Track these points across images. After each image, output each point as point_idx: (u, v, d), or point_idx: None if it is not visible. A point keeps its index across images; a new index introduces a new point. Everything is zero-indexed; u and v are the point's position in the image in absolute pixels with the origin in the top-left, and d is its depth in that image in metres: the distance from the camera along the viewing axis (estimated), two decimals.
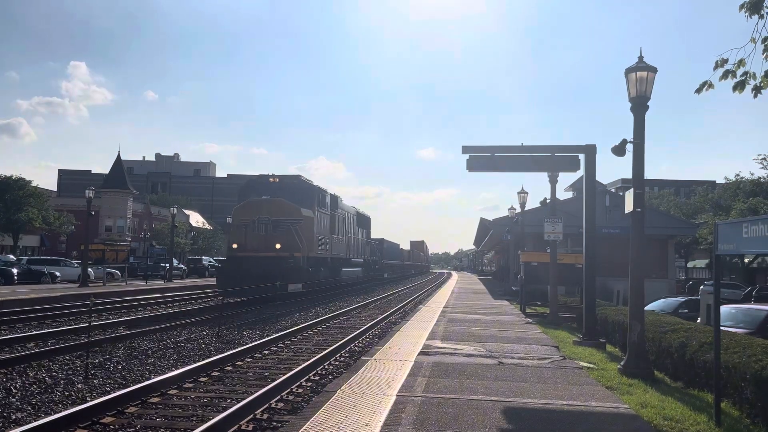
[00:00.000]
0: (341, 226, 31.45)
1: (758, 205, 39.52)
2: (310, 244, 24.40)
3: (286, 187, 25.28)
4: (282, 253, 22.91)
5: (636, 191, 9.55)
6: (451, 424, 5.78)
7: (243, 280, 21.60)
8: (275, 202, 23.95)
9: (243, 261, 23.15)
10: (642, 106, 9.50)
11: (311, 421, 5.76)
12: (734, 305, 14.52)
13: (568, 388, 7.67)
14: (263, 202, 24.10)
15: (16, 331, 13.92)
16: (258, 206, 23.99)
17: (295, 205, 24.02)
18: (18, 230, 50.68)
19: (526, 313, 19.09)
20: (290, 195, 24.63)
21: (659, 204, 53.62)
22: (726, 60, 5.86)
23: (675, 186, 79.14)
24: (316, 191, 26.57)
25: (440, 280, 61.67)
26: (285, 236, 23.14)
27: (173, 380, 8.54)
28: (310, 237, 24.51)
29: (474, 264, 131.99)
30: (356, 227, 36.73)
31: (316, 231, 25.69)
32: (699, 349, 8.43)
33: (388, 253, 55.26)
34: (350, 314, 20.70)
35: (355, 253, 36.35)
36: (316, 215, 25.67)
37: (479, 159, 12.79)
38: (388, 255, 55.10)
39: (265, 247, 23.19)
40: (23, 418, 6.82)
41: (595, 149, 12.74)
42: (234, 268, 23.21)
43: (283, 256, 22.85)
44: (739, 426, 6.52)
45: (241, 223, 23.88)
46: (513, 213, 31.10)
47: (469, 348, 10.89)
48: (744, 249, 6.37)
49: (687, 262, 60.52)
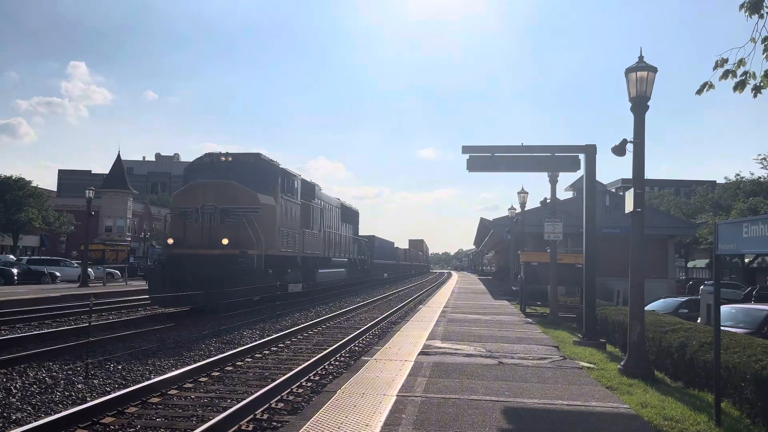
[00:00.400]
0: (319, 219, 26.55)
1: (758, 205, 39.53)
2: (270, 239, 19.61)
3: (242, 168, 20.28)
4: (230, 251, 18.10)
5: (636, 191, 9.55)
6: (451, 424, 5.78)
7: (180, 284, 17.21)
8: (224, 185, 19.05)
9: (181, 260, 18.35)
10: (642, 106, 9.50)
11: (311, 421, 5.76)
12: (734, 305, 14.51)
13: (568, 388, 7.67)
14: (208, 186, 19.07)
15: (16, 331, 13.92)
16: (202, 191, 18.98)
17: (250, 190, 19.15)
18: (18, 230, 50.70)
19: (526, 313, 19.09)
20: (247, 178, 19.73)
21: (659, 204, 53.62)
22: (726, 60, 5.86)
23: (675, 186, 79.17)
24: (280, 174, 21.43)
25: (440, 280, 61.64)
26: (235, 229, 18.42)
27: (173, 380, 8.54)
28: (270, 230, 19.73)
29: (474, 264, 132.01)
30: (340, 222, 31.88)
31: (280, 223, 20.85)
32: (699, 349, 8.43)
33: (380, 252, 50.65)
34: (350, 314, 20.70)
35: (338, 251, 31.17)
36: (279, 203, 20.86)
37: (479, 159, 12.79)
38: (380, 254, 50.50)
39: (209, 242, 18.41)
40: (23, 419, 6.82)
41: (595, 149, 12.74)
42: (170, 270, 18.25)
43: (231, 255, 18.08)
44: (740, 426, 6.52)
45: (180, 213, 19.17)
46: (513, 213, 31.10)
47: (470, 348, 10.89)
48: (744, 249, 6.37)
49: (687, 262, 60.53)
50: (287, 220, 21.79)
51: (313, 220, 25.54)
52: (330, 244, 29.15)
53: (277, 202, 20.69)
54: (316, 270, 26.25)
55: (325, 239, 27.89)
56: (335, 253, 30.37)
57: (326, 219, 28.28)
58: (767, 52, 5.58)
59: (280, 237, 20.94)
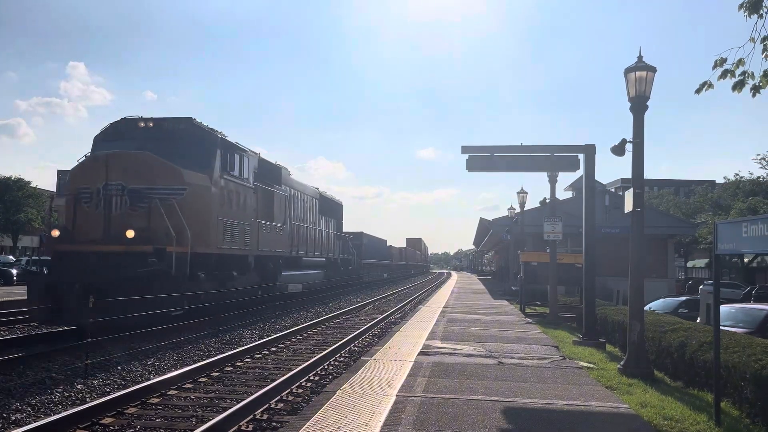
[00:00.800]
0: (284, 209, 21.03)
1: (757, 205, 39.54)
2: (201, 231, 14.55)
3: (167, 137, 15.10)
4: (138, 247, 13.19)
5: (635, 191, 9.55)
6: (450, 424, 5.78)
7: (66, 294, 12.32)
8: (135, 157, 14.03)
9: (69, 260, 13.43)
10: (641, 105, 9.51)
11: (311, 422, 5.76)
12: (734, 305, 14.52)
13: (568, 388, 7.67)
14: (114, 158, 13.89)
15: (15, 332, 13.90)
16: (104, 165, 13.80)
17: (172, 165, 14.08)
18: (17, 231, 50.70)
19: (525, 312, 19.10)
20: (172, 150, 14.54)
21: (659, 204, 53.60)
22: (725, 59, 5.87)
23: (674, 186, 79.10)
24: (220, 146, 15.81)
25: (440, 280, 61.65)
26: (148, 218, 13.67)
27: (173, 381, 8.53)
28: (202, 220, 14.68)
29: (473, 264, 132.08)
30: (317, 214, 26.75)
31: (219, 211, 15.49)
32: (699, 349, 8.44)
33: (370, 251, 45.47)
34: (350, 314, 20.70)
35: (313, 249, 25.89)
36: (218, 185, 15.54)
37: (479, 159, 12.80)
38: (370, 253, 45.38)
39: (111, 236, 13.49)
40: (23, 419, 6.81)
41: (594, 149, 12.75)
42: (54, 273, 13.48)
43: (139, 252, 13.19)
44: (739, 425, 6.52)
45: (74, 195, 14.07)
46: (512, 213, 31.12)
47: (469, 348, 10.89)
48: (743, 248, 6.37)
49: (686, 262, 60.54)
50: (232, 207, 16.27)
51: (277, 210, 20.11)
52: (300, 240, 23.70)
53: (214, 182, 15.27)
54: (278, 272, 20.78)
55: (293, 234, 22.45)
56: (308, 251, 25.10)
57: (296, 210, 23.20)
58: (766, 51, 5.58)
59: (219, 230, 15.44)
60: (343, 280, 33.18)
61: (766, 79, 5.79)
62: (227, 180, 16.08)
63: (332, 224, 30.49)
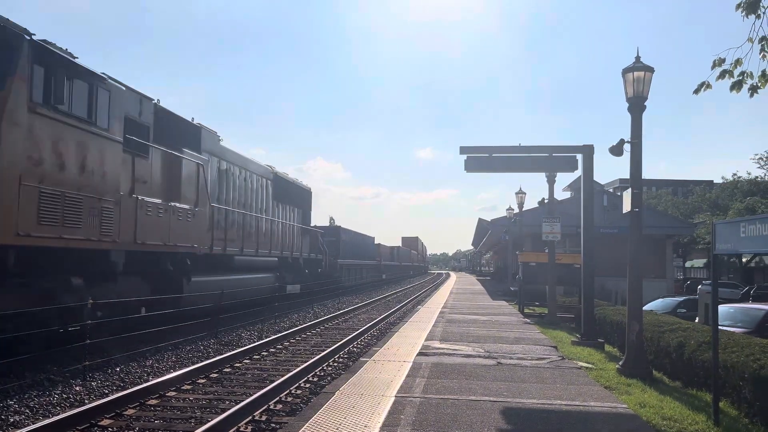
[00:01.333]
0: (203, 185, 14.89)
1: (756, 205, 39.60)
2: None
3: None
4: None
5: (634, 191, 9.56)
6: (450, 425, 5.77)
7: None
8: None
9: None
10: (639, 106, 9.53)
11: (310, 423, 5.76)
12: (732, 304, 14.54)
13: (567, 388, 7.67)
14: None
15: None
16: None
17: None
18: None
19: (524, 313, 19.10)
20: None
21: (657, 204, 53.64)
22: (723, 60, 5.88)
23: (673, 186, 79.15)
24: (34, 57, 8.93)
25: (439, 281, 61.68)
26: None
27: (171, 382, 8.52)
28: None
29: (472, 264, 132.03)
30: (269, 200, 20.55)
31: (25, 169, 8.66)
32: (697, 349, 8.44)
33: (351, 250, 37.05)
34: (349, 315, 20.69)
35: (256, 245, 19.08)
36: (24, 121, 8.68)
37: (477, 159, 12.80)
38: (351, 252, 36.92)
39: None
40: (21, 421, 6.79)
41: (592, 149, 12.76)
42: None
43: None
44: (738, 425, 6.53)
45: None
46: (511, 213, 31.14)
47: (468, 348, 10.89)
48: (741, 248, 6.38)
49: (685, 262, 60.58)
50: (69, 171, 9.71)
51: (186, 185, 14.06)
52: (234, 232, 17.39)
53: (18, 120, 8.64)
54: (185, 277, 14.00)
55: (218, 223, 16.11)
56: (248, 247, 18.40)
57: (230, 190, 17.37)
58: (764, 52, 5.59)
59: (33, 205, 8.86)
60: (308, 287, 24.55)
61: (764, 79, 5.81)
62: (52, 119, 9.33)
63: (295, 214, 23.82)
